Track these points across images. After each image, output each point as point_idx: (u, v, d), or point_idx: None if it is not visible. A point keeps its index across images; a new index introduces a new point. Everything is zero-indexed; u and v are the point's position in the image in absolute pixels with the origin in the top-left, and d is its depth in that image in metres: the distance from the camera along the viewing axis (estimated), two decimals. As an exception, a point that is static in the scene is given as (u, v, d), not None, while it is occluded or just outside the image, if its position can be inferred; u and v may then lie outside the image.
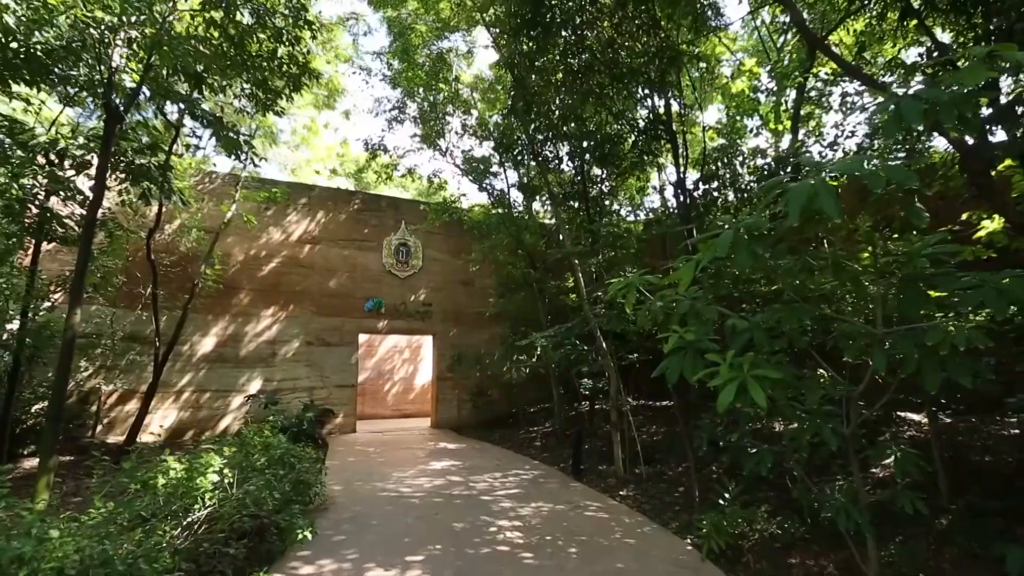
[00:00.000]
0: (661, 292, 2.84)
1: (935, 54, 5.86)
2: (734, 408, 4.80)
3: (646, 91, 7.09)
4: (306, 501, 4.87)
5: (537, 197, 10.74)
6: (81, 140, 5.18)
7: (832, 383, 2.29)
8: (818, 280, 2.52)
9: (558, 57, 7.70)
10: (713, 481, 6.11)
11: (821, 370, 4.12)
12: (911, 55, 8.81)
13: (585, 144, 7.90)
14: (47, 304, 7.36)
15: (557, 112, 7.84)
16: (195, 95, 5.27)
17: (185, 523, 3.49)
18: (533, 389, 11.73)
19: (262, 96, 5.50)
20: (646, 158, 7.74)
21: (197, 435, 9.44)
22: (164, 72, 4.97)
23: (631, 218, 11.04)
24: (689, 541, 4.51)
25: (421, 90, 9.54)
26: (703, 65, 9.15)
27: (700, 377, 2.30)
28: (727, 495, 4.42)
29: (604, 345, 7.00)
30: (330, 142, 19.97)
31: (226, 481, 3.78)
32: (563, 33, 7.24)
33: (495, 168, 10.67)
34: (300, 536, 3.66)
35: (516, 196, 11.09)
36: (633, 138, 7.59)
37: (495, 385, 11.88)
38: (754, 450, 4.99)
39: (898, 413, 6.66)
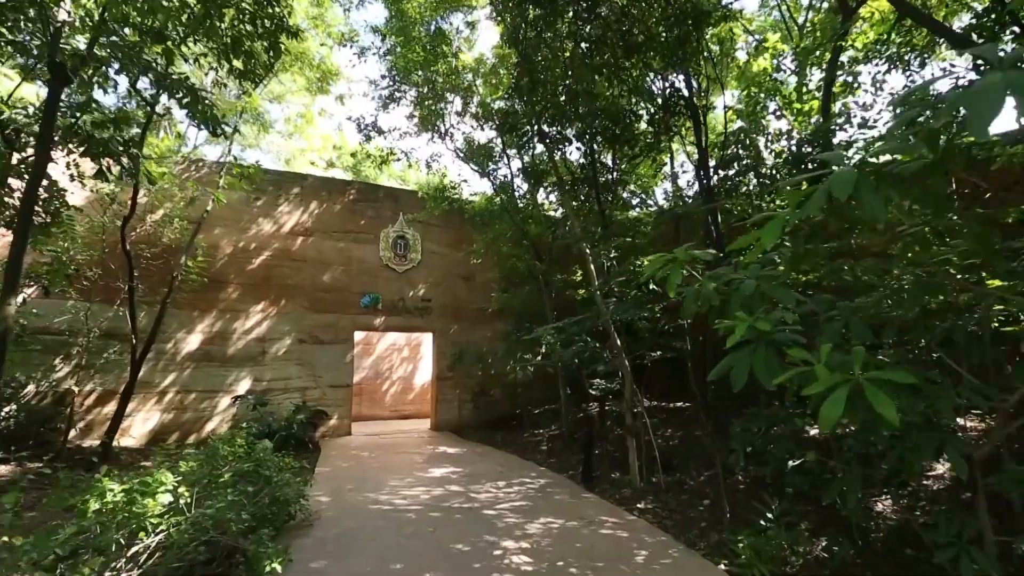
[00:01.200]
0: (713, 272, 2.23)
1: (992, 16, 5.31)
2: (774, 410, 4.05)
3: (665, 62, 6.45)
4: (284, 519, 4.28)
5: (542, 187, 10.12)
6: (30, 111, 4.59)
7: (976, 390, 1.69)
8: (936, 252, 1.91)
9: (566, 30, 7.08)
10: (741, 492, 5.51)
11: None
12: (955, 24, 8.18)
13: (596, 124, 7.27)
14: (19, 299, 6.81)
15: (564, 92, 7.21)
16: (161, 60, 4.67)
17: (129, 554, 2.91)
18: (538, 389, 11.13)
19: (237, 64, 4.89)
20: (662, 138, 7.11)
21: (181, 439, 8.87)
22: (124, 31, 4.38)
23: (643, 208, 10.39)
24: (723, 567, 3.91)
25: (419, 69, 8.89)
26: (723, 42, 8.54)
27: (782, 380, 1.70)
28: (770, 513, 3.81)
29: (619, 342, 6.39)
30: (326, 131, 19.37)
31: (182, 502, 3.19)
32: (572, 4, 6.62)
33: (497, 154, 10.05)
34: (268, 568, 3.09)
35: (520, 184, 10.49)
36: (650, 114, 6.96)
37: (498, 385, 11.27)
38: (793, 459, 4.41)
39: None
